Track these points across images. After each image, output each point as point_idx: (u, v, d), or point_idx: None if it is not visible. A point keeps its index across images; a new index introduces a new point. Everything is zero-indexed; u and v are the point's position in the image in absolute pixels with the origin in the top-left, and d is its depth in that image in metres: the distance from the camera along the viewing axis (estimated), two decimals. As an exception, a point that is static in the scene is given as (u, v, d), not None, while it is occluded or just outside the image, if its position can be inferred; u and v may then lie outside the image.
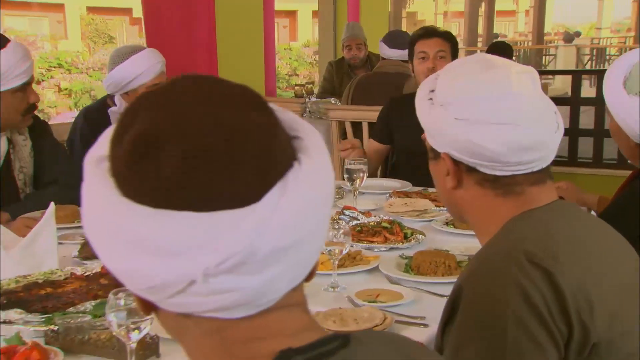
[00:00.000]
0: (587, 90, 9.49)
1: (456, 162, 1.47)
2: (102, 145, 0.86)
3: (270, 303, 0.82)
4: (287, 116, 0.87)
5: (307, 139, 0.85)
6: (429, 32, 3.81)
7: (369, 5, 7.87)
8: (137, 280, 0.81)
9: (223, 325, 0.82)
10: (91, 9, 29.90)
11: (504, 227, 1.43)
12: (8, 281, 2.14)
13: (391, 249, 2.55)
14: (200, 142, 0.78)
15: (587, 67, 18.93)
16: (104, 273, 2.22)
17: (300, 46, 23.34)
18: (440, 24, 35.71)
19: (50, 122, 3.92)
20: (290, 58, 20.65)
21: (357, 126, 4.84)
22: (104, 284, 2.16)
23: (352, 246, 2.37)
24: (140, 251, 0.78)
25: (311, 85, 6.25)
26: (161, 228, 0.76)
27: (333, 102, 5.55)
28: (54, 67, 21.24)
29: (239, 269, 0.77)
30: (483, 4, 19.17)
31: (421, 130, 3.72)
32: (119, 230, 0.79)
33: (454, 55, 3.81)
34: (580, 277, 1.32)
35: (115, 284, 2.14)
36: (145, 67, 3.59)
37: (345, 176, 3.08)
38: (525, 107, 1.41)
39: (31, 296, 2.07)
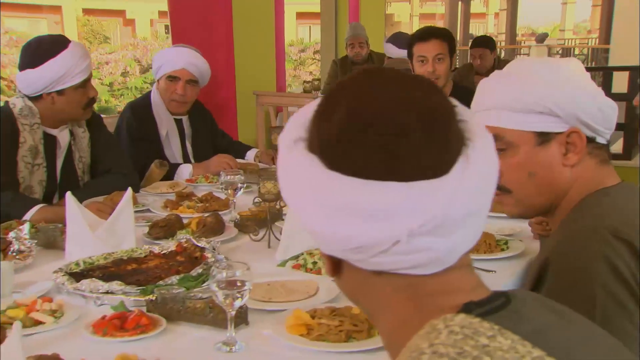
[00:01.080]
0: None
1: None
2: (294, 130, 0.94)
3: (452, 261, 0.91)
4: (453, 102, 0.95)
5: (470, 121, 0.92)
6: (426, 34, 3.77)
7: (368, 7, 7.94)
8: (345, 242, 0.88)
9: (413, 281, 0.91)
10: (87, 11, 29.90)
11: (582, 203, 1.52)
12: (97, 257, 2.23)
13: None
14: (398, 122, 0.86)
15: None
16: (179, 251, 2.30)
17: (286, 45, 23.33)
18: (416, 26, 35.96)
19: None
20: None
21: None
22: (181, 261, 2.25)
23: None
24: (351, 216, 0.86)
25: (318, 82, 6.32)
26: (371, 196, 0.84)
27: (340, 96, 5.61)
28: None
29: (436, 231, 0.85)
30: (459, 7, 19.30)
31: None
32: (329, 199, 0.87)
33: (452, 53, 3.79)
34: None
35: (191, 261, 2.24)
36: (165, 60, 3.71)
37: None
38: None
39: (121, 270, 2.17)
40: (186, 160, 3.77)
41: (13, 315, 1.81)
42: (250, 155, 3.93)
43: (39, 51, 2.95)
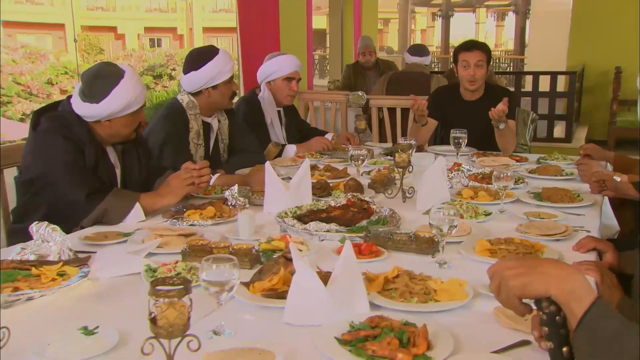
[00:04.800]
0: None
1: None
2: None
3: None
4: None
5: None
6: (470, 46, 3.95)
7: (366, 24, 8.20)
8: None
9: None
10: (85, 28, 29.75)
11: None
12: (293, 209, 2.44)
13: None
14: None
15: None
16: (350, 204, 2.52)
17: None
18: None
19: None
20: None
21: (391, 111, 5.19)
22: (355, 211, 2.47)
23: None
24: None
25: (338, 81, 6.53)
26: None
27: (360, 94, 5.84)
28: (61, 74, 21.15)
29: None
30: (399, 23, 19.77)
31: (463, 115, 3.94)
32: None
33: (489, 61, 3.96)
34: None
35: (363, 211, 2.45)
36: (281, 66, 3.87)
37: (453, 142, 3.41)
38: None
39: (317, 217, 2.37)
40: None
41: (276, 245, 2.02)
42: (328, 137, 4.14)
43: (200, 57, 3.15)
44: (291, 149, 3.77)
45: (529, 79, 8.56)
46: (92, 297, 1.74)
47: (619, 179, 2.77)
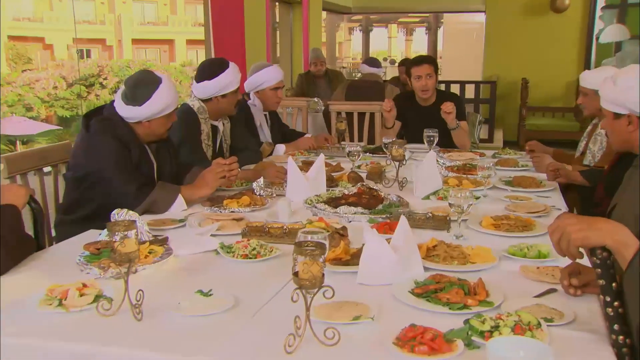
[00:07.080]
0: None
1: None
2: None
3: None
4: None
5: None
6: (419, 61, 4.28)
7: (312, 38, 8.44)
8: None
9: None
10: (12, 37, 28.49)
11: None
12: (314, 197, 2.63)
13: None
14: None
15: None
16: (361, 192, 2.73)
17: (178, 65, 23.16)
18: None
19: None
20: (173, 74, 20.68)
21: (349, 115, 5.45)
22: (365, 197, 2.67)
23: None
24: None
25: (292, 89, 6.71)
26: None
27: (316, 100, 6.08)
28: (-11, 84, 20.49)
29: None
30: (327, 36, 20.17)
31: (420, 118, 4.19)
32: None
33: (436, 71, 4.28)
34: None
35: (374, 198, 2.67)
36: (268, 77, 3.98)
37: (426, 140, 3.68)
38: None
39: (339, 203, 2.57)
40: (268, 142, 4.14)
41: (318, 225, 2.21)
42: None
43: (213, 68, 3.30)
44: (281, 148, 3.95)
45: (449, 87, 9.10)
46: (178, 270, 1.90)
47: (567, 168, 3.14)
